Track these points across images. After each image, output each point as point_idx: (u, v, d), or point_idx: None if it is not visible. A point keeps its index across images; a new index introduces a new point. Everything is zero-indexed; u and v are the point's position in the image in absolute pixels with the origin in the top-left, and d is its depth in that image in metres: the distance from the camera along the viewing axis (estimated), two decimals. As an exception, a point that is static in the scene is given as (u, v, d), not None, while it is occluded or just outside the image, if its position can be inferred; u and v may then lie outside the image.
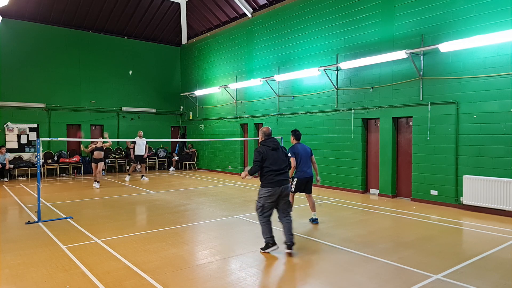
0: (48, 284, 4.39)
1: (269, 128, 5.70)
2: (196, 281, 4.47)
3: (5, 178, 14.24)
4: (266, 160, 5.36)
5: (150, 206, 9.23)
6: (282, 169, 5.44)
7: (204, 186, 12.61)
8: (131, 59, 18.19)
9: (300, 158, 7.07)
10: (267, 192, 5.33)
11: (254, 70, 14.60)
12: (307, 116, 12.34)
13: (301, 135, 7.41)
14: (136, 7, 16.98)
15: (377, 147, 10.54)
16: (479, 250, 5.51)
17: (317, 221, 7.28)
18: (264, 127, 5.72)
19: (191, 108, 18.84)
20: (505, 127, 7.83)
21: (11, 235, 6.55)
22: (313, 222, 7.25)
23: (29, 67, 15.44)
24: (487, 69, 8.11)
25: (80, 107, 16.72)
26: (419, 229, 6.80)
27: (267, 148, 5.43)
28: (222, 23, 16.79)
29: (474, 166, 8.32)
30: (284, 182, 5.43)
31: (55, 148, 16.09)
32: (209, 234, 6.57)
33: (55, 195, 10.68)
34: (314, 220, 7.27)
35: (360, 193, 10.75)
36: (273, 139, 5.58)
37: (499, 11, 7.89)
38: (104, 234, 6.53)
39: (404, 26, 9.57)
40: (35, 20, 15.57)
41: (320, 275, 4.74)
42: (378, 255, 5.34)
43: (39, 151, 7.64)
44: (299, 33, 12.57)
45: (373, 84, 10.34)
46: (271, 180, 5.33)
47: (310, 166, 7.24)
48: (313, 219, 7.29)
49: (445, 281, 4.39)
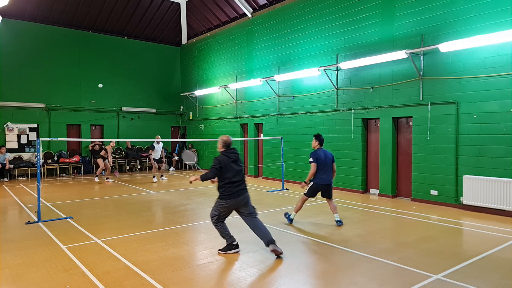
0: (48, 284, 4.39)
1: (230, 138, 5.56)
2: (196, 281, 4.47)
3: (5, 178, 14.24)
4: (227, 172, 5.29)
5: (150, 206, 9.22)
6: (242, 180, 5.46)
7: (204, 186, 12.61)
8: (131, 59, 18.20)
9: (321, 164, 6.95)
10: (226, 203, 5.36)
11: (254, 70, 14.60)
12: (307, 116, 12.34)
13: (324, 140, 7.27)
14: (136, 7, 16.99)
15: (377, 147, 10.54)
16: (479, 250, 5.51)
17: (341, 223, 7.06)
18: (224, 136, 5.56)
19: (191, 108, 18.84)
20: (505, 127, 7.83)
21: (11, 235, 6.55)
22: (337, 224, 7.03)
23: (29, 67, 15.45)
24: (487, 69, 8.11)
25: (80, 107, 16.72)
26: (419, 229, 6.80)
27: (228, 160, 5.33)
28: (222, 23, 16.79)
29: (474, 166, 8.32)
30: (244, 191, 5.45)
31: (55, 148, 16.09)
32: (209, 234, 6.57)
33: (55, 195, 10.68)
34: (338, 221, 7.05)
35: (360, 193, 10.75)
36: (234, 150, 5.49)
37: (499, 11, 7.89)
38: (104, 234, 6.53)
39: (404, 26, 9.57)
40: (35, 20, 15.58)
41: (320, 275, 4.74)
42: (378, 255, 5.34)
43: (39, 151, 7.64)
44: (299, 33, 12.57)
45: (373, 84, 10.34)
46: (230, 192, 5.32)
47: (331, 173, 7.12)
48: (337, 220, 7.06)
49: (445, 281, 4.39)
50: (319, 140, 7.18)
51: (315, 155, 6.98)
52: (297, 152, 12.70)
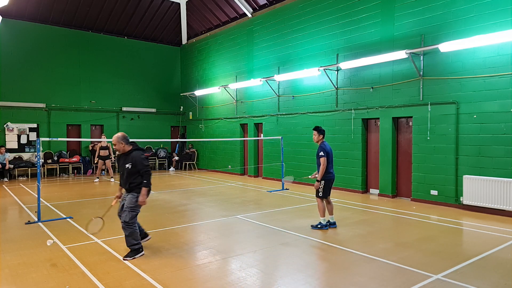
0: (48, 284, 4.39)
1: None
2: (196, 281, 4.47)
3: (5, 178, 14.24)
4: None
5: (150, 206, 9.21)
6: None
7: (204, 186, 12.61)
8: (131, 59, 18.20)
9: (330, 158, 6.71)
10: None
11: (254, 70, 14.60)
12: (307, 116, 12.34)
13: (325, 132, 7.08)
14: (136, 7, 16.99)
15: (377, 147, 10.54)
16: (479, 250, 5.51)
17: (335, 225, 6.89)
18: (121, 133, 5.49)
19: (191, 108, 18.84)
20: (505, 127, 7.83)
21: (11, 235, 6.55)
22: (331, 227, 6.82)
23: (29, 67, 15.44)
24: (487, 69, 8.11)
25: (80, 107, 16.72)
26: (419, 229, 6.80)
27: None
28: (222, 23, 16.79)
29: (474, 166, 8.32)
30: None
31: (55, 148, 16.09)
32: (209, 234, 6.57)
33: (55, 195, 10.68)
34: (332, 224, 6.86)
35: (360, 193, 10.75)
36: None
37: (499, 11, 7.89)
38: (104, 234, 6.53)
39: (404, 26, 9.57)
40: (35, 20, 15.58)
41: (320, 275, 4.74)
42: (378, 255, 5.34)
43: (39, 151, 7.64)
44: (299, 33, 12.57)
45: (373, 84, 10.34)
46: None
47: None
48: (332, 222, 6.87)
49: (445, 281, 4.39)
50: (323, 133, 6.89)
51: (325, 149, 6.65)
52: (297, 152, 12.70)
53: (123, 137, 5.40)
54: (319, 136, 6.90)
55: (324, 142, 6.92)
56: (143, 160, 5.32)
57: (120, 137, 5.39)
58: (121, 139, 5.37)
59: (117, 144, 5.37)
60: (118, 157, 5.58)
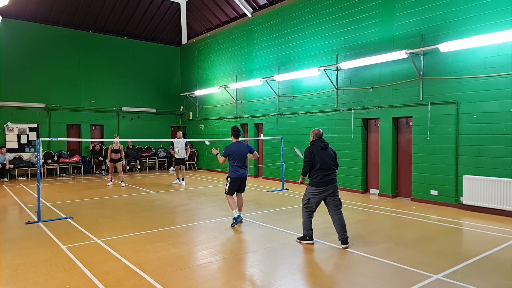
0: (48, 284, 4.39)
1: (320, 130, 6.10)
2: (196, 281, 4.47)
3: (5, 178, 14.24)
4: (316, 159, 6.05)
5: (150, 206, 9.22)
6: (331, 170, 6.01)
7: (204, 186, 12.61)
8: (131, 59, 18.20)
9: (236, 157, 7.16)
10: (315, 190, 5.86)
11: (254, 70, 14.59)
12: (307, 116, 12.34)
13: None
14: (136, 7, 16.98)
15: (377, 147, 10.54)
16: (479, 250, 5.51)
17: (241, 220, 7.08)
18: (315, 129, 6.07)
19: (191, 108, 18.84)
20: (505, 127, 7.83)
21: (11, 235, 6.55)
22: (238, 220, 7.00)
23: (29, 67, 15.44)
24: (487, 69, 8.11)
25: (80, 107, 16.72)
26: (419, 229, 6.80)
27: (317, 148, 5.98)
28: (222, 23, 16.79)
29: (474, 166, 8.32)
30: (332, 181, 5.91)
31: (55, 148, 16.09)
32: (209, 234, 6.57)
33: (55, 195, 10.68)
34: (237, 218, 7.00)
35: (360, 193, 10.75)
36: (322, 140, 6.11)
37: (499, 11, 7.89)
38: (104, 234, 6.53)
39: (404, 26, 9.57)
40: (35, 20, 15.57)
41: (320, 275, 4.74)
42: (378, 255, 5.34)
43: (39, 151, 7.64)
44: (299, 33, 12.57)
45: (373, 84, 10.34)
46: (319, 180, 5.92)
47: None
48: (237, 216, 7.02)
49: (445, 281, 4.39)
50: (233, 134, 7.40)
51: (226, 149, 7.16)
52: (297, 152, 12.68)
53: (312, 132, 6.14)
54: (231, 137, 7.37)
55: (234, 143, 7.28)
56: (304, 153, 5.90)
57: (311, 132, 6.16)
58: (311, 134, 6.15)
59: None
60: None
